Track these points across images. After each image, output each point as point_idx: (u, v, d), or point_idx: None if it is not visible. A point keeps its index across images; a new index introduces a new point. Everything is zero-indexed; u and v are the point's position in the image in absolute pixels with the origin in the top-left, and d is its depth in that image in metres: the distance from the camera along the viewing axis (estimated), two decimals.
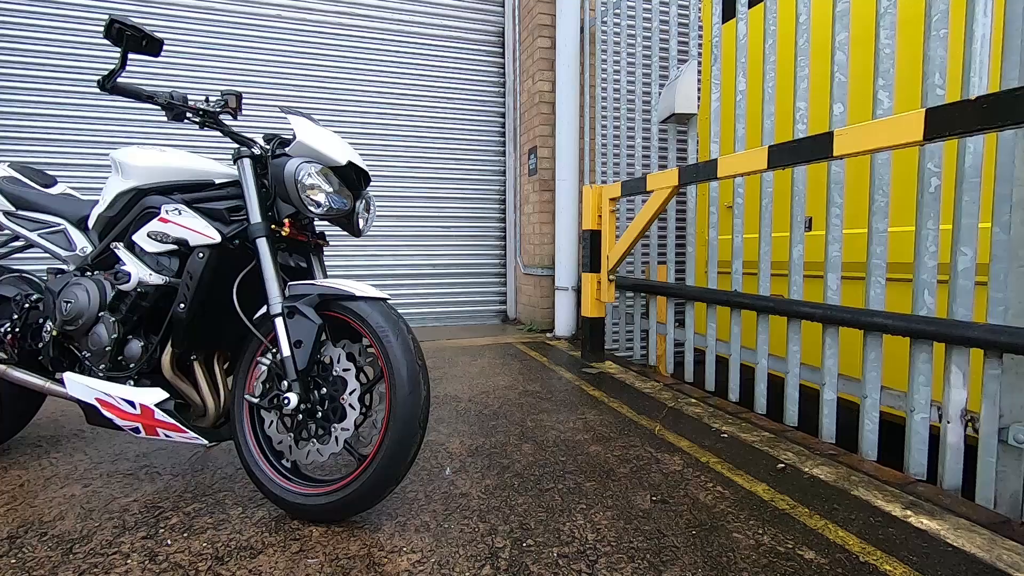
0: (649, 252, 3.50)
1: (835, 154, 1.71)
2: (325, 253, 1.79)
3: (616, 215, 3.35)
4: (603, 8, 3.85)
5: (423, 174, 4.93)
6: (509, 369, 3.25)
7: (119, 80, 1.42)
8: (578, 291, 4.24)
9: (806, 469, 1.83)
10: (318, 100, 4.58)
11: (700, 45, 3.68)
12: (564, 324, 4.27)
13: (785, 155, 1.91)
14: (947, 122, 1.42)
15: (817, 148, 1.77)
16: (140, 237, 1.56)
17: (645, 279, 3.49)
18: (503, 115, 5.15)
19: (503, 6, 5.05)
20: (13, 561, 1.30)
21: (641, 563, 1.28)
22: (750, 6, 2.63)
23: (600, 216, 3.30)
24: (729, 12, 2.96)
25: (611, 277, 3.27)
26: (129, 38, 1.34)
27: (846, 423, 2.22)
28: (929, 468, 1.81)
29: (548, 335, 4.40)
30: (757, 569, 1.26)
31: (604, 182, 3.94)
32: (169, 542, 1.38)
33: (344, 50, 4.64)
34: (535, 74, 4.49)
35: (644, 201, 3.46)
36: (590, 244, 3.34)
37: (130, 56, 1.39)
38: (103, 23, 3.97)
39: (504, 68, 5.10)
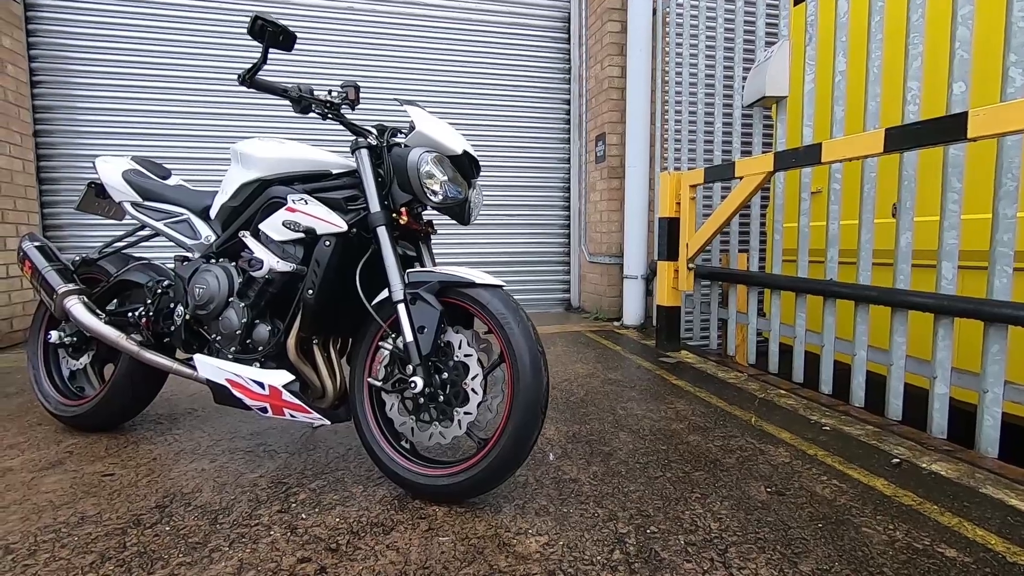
0: (729, 240, 3.42)
1: (969, 136, 1.62)
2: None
3: (694, 202, 3.27)
4: None
5: (487, 162, 4.94)
6: (585, 357, 3.25)
7: (258, 76, 1.48)
8: (647, 279, 4.18)
9: (924, 465, 1.76)
10: (388, 88, 4.64)
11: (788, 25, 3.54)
12: (633, 313, 4.23)
13: (908, 138, 1.81)
14: None
15: (946, 129, 1.67)
16: (269, 226, 1.63)
17: (724, 267, 3.42)
18: (568, 102, 5.10)
19: None
20: (168, 528, 1.40)
21: (773, 554, 1.27)
22: None
23: (679, 203, 3.24)
24: None
25: (690, 266, 3.21)
26: (270, 34, 1.40)
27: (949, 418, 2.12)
28: None
29: (615, 323, 4.37)
30: (897, 565, 1.22)
31: (678, 168, 3.86)
32: (304, 516, 1.45)
33: (412, 40, 4.68)
34: (603, 59, 4.43)
35: (724, 188, 3.38)
36: (667, 232, 3.29)
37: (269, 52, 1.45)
38: (209, 22, 4.17)
39: (570, 54, 5.04)
